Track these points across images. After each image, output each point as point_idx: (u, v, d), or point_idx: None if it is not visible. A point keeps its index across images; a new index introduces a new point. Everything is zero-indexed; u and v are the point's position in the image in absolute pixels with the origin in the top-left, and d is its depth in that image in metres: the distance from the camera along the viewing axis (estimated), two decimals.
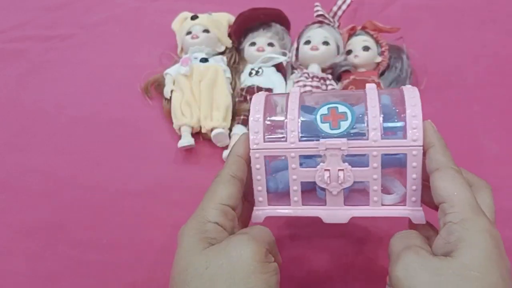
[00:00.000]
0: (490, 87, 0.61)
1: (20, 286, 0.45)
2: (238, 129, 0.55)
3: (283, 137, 0.34)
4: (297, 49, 0.60)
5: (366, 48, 0.59)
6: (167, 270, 0.46)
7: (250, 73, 0.59)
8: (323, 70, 0.59)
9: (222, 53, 0.63)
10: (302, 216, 0.36)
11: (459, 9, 0.74)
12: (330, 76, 0.58)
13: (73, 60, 0.68)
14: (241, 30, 0.63)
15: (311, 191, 0.35)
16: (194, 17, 0.63)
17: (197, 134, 0.56)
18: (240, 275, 0.28)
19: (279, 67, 0.60)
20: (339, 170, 0.33)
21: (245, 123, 0.56)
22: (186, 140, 0.54)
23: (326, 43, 0.58)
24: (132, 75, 0.63)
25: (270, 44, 0.61)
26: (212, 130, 0.55)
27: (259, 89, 0.57)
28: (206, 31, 0.62)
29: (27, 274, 0.45)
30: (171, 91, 0.58)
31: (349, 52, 0.60)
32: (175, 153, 0.55)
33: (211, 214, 0.32)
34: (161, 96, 0.60)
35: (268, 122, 0.35)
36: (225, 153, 0.54)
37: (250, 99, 0.57)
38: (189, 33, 0.62)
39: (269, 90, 0.57)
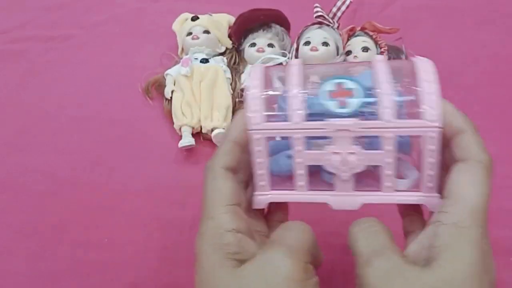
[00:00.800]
0: (490, 87, 0.61)
1: (20, 286, 0.45)
2: None
3: (285, 116, 0.30)
4: (297, 49, 0.60)
5: (365, 49, 0.59)
6: (167, 270, 0.46)
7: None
8: None
9: (222, 54, 0.63)
10: (308, 202, 0.32)
11: (458, 9, 0.74)
12: None
13: (73, 61, 0.68)
14: (241, 31, 0.63)
15: (314, 173, 0.32)
16: (194, 18, 0.63)
17: (197, 134, 0.56)
18: None
19: None
20: (349, 153, 0.30)
21: None
22: (187, 140, 0.54)
23: (325, 44, 0.58)
24: (132, 76, 0.63)
25: (270, 45, 0.61)
26: (212, 130, 0.55)
27: None
28: (207, 32, 0.62)
29: (27, 274, 0.45)
30: (172, 92, 0.59)
31: (348, 52, 0.60)
32: (175, 153, 0.55)
33: (225, 221, 0.28)
34: (162, 97, 0.60)
35: (269, 99, 0.31)
36: None
37: None
38: (189, 34, 0.62)
39: None
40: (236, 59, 0.63)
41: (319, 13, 0.60)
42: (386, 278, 0.25)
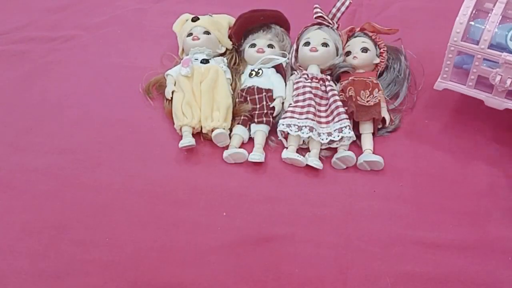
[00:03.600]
0: None
1: (23, 285, 0.45)
2: (239, 130, 0.56)
3: (477, 42, 0.49)
4: (297, 50, 0.60)
5: (364, 50, 0.59)
6: (168, 270, 0.46)
7: (250, 74, 0.60)
8: (322, 71, 0.59)
9: (222, 55, 0.63)
10: (471, 95, 0.52)
11: (456, 11, 0.74)
12: (329, 77, 0.59)
13: (74, 61, 0.69)
14: (241, 31, 0.63)
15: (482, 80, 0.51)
16: (195, 19, 0.64)
17: (197, 134, 0.56)
18: None
19: (278, 68, 0.61)
20: (508, 77, 0.48)
21: (245, 123, 0.56)
22: (187, 140, 0.54)
23: (325, 44, 0.59)
24: (133, 76, 0.64)
25: (270, 46, 0.61)
26: (212, 130, 0.55)
27: (259, 90, 0.58)
28: (207, 32, 0.62)
29: (30, 273, 0.46)
30: (172, 92, 0.59)
31: (348, 53, 0.60)
32: (176, 153, 0.55)
33: None
34: (162, 97, 0.60)
35: (470, 24, 0.49)
36: (226, 153, 0.54)
37: (250, 99, 0.58)
38: (190, 34, 0.62)
39: (269, 90, 0.58)
40: (236, 60, 0.63)
41: (319, 14, 0.60)
42: None
